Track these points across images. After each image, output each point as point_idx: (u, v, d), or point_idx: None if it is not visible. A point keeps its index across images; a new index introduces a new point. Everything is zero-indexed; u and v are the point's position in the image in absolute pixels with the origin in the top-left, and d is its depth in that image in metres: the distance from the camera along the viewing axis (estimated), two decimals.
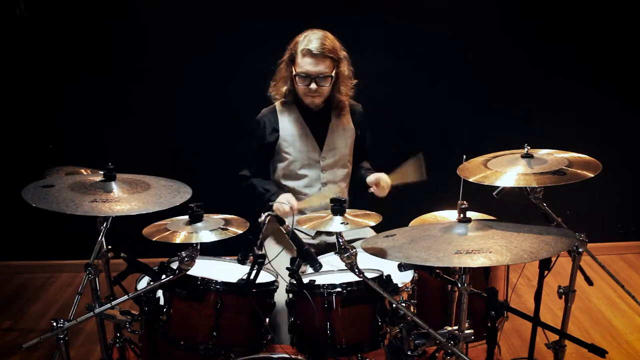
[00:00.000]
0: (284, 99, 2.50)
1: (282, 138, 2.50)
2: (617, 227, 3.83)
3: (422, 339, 1.74)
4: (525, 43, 3.42)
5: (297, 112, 2.51)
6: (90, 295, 1.92)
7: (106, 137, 3.40)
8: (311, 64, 2.34)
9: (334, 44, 2.39)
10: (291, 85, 2.45)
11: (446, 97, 3.47)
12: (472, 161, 2.01)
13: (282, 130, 2.50)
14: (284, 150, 2.51)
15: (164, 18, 3.29)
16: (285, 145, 2.51)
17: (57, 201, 1.70)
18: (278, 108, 2.53)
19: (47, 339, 1.58)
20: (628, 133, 3.62)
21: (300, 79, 2.38)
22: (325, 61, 2.36)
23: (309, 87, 2.38)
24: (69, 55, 3.30)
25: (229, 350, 1.83)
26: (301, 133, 2.50)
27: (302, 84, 2.39)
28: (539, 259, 1.67)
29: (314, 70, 2.35)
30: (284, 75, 2.46)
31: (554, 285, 2.11)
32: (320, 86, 2.39)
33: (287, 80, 2.46)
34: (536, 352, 2.24)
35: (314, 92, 2.40)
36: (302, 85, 2.40)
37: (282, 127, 2.50)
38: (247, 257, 1.85)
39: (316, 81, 2.37)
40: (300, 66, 2.36)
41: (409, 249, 1.61)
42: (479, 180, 1.84)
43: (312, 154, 2.52)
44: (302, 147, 2.51)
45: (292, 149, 2.50)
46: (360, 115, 2.63)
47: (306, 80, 2.37)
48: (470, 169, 1.94)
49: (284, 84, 2.47)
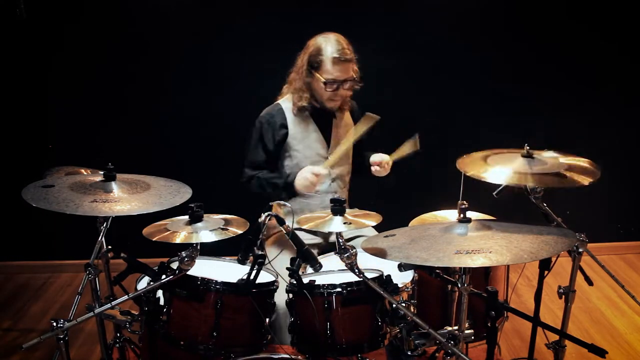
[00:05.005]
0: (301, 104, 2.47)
1: (292, 136, 2.50)
2: (617, 227, 3.83)
3: (422, 339, 1.74)
4: (525, 43, 3.42)
5: (305, 110, 2.50)
6: (90, 295, 1.92)
7: (106, 138, 3.39)
8: (342, 70, 2.37)
9: (349, 46, 2.41)
10: (311, 90, 2.44)
11: (446, 96, 3.47)
12: (472, 155, 2.01)
13: (290, 129, 2.50)
14: (293, 148, 2.51)
15: (164, 18, 3.29)
16: (294, 143, 2.50)
17: (57, 201, 1.70)
18: (284, 106, 2.52)
19: (47, 339, 1.58)
20: (628, 133, 3.62)
21: (329, 85, 2.38)
22: (352, 65, 2.40)
23: (336, 92, 2.40)
24: (69, 55, 3.30)
25: (229, 350, 1.83)
26: (310, 130, 2.51)
27: (330, 89, 2.39)
28: (539, 259, 1.67)
29: (344, 76, 2.38)
30: (305, 80, 2.43)
31: (554, 285, 2.11)
32: (347, 89, 2.42)
33: (307, 85, 2.44)
34: (536, 352, 2.23)
35: (339, 97, 2.43)
36: (330, 92, 2.40)
37: (290, 125, 2.50)
38: (247, 257, 1.85)
39: (343, 86, 2.40)
40: (328, 73, 2.37)
41: (409, 249, 1.61)
42: (475, 174, 1.84)
43: (321, 151, 2.53)
44: (311, 144, 2.51)
45: (301, 146, 2.50)
46: (357, 110, 2.65)
47: (334, 85, 2.39)
48: (469, 163, 1.94)
49: (306, 92, 2.45)
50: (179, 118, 3.44)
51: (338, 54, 2.35)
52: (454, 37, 3.36)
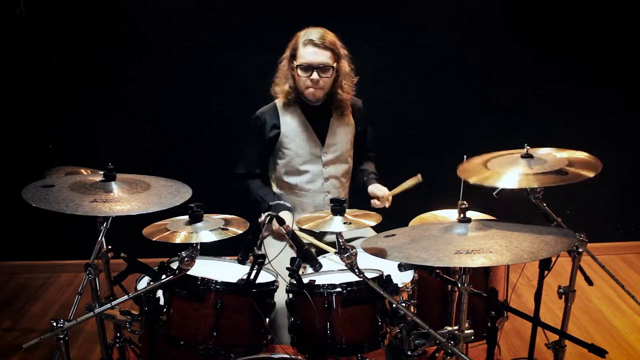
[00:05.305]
0: (286, 98, 2.50)
1: (284, 134, 2.51)
2: (617, 227, 3.83)
3: (422, 339, 1.74)
4: (525, 42, 3.42)
5: (298, 109, 2.52)
6: (90, 295, 1.91)
7: (106, 138, 3.39)
8: (312, 53, 2.36)
9: (334, 39, 2.42)
10: (293, 82, 2.46)
11: (446, 96, 3.47)
12: (472, 162, 2.00)
13: (283, 127, 2.51)
14: (285, 147, 2.52)
15: (164, 18, 3.28)
16: (286, 142, 2.51)
17: (57, 201, 1.70)
18: (279, 105, 2.54)
19: (47, 339, 1.57)
20: (628, 132, 3.61)
21: (302, 69, 2.38)
22: (327, 52, 2.38)
23: (311, 77, 2.38)
24: (69, 55, 3.30)
25: (229, 350, 1.83)
26: (302, 129, 2.51)
27: (304, 74, 2.39)
28: (539, 259, 1.67)
29: (315, 60, 2.36)
30: (286, 73, 2.48)
31: (554, 285, 2.11)
32: (322, 77, 2.39)
33: (288, 77, 2.47)
34: (536, 352, 2.24)
35: (315, 84, 2.40)
36: (303, 76, 2.39)
37: (283, 124, 2.51)
38: (247, 257, 1.85)
39: (317, 72, 2.37)
40: (302, 57, 2.38)
41: (409, 249, 1.61)
42: (479, 181, 1.83)
43: (314, 150, 2.52)
44: (304, 143, 2.52)
45: (293, 144, 2.51)
46: (360, 111, 2.65)
47: (308, 71, 2.38)
48: (470, 169, 1.93)
49: (286, 82, 2.48)
50: (179, 118, 3.44)
51: (312, 37, 2.36)
52: (454, 37, 3.36)
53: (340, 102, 2.52)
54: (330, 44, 2.38)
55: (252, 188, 2.56)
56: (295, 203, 2.56)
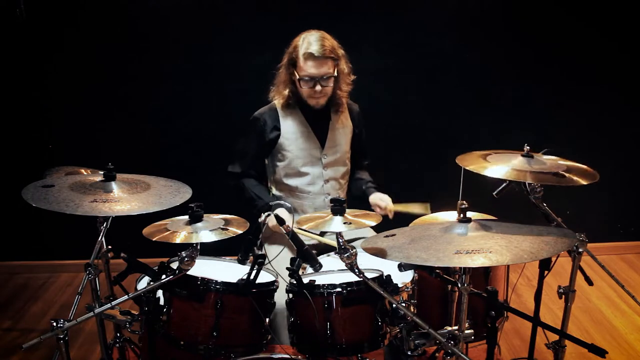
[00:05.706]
0: (287, 102, 2.50)
1: (284, 136, 2.51)
2: (617, 227, 3.83)
3: (422, 339, 1.74)
4: (525, 42, 3.42)
5: (299, 111, 2.51)
6: (90, 295, 1.92)
7: (106, 137, 3.39)
8: (314, 66, 2.36)
9: (332, 44, 2.40)
10: (293, 88, 2.45)
11: (446, 96, 3.47)
12: (472, 153, 2.02)
13: (283, 129, 2.51)
14: (286, 149, 2.51)
15: (164, 18, 3.29)
16: (287, 144, 2.51)
17: (57, 201, 1.70)
18: (278, 106, 2.53)
19: (47, 339, 1.57)
20: (628, 132, 3.61)
21: (305, 82, 2.39)
22: (328, 62, 2.37)
23: (314, 89, 2.39)
24: (69, 55, 3.30)
25: (229, 350, 1.83)
26: (303, 131, 2.51)
27: (307, 86, 2.40)
28: (539, 259, 1.67)
29: (318, 72, 2.37)
30: (285, 79, 2.47)
31: (554, 285, 2.11)
32: (325, 87, 2.40)
33: (288, 83, 2.46)
34: (536, 352, 2.24)
35: (319, 94, 2.41)
36: (306, 88, 2.41)
37: (283, 126, 2.51)
38: (247, 257, 1.85)
39: (320, 83, 2.38)
40: (303, 70, 2.37)
41: (409, 249, 1.61)
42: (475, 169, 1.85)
43: (314, 152, 2.52)
44: (304, 145, 2.51)
45: (293, 147, 2.51)
46: (357, 114, 2.65)
47: (310, 82, 2.39)
48: (469, 160, 1.95)
49: (285, 88, 2.47)
50: (179, 118, 3.44)
51: (311, 51, 2.34)
52: (454, 37, 3.36)
53: (337, 101, 2.53)
54: (329, 52, 2.36)
55: (247, 186, 2.55)
56: (295, 205, 2.54)
